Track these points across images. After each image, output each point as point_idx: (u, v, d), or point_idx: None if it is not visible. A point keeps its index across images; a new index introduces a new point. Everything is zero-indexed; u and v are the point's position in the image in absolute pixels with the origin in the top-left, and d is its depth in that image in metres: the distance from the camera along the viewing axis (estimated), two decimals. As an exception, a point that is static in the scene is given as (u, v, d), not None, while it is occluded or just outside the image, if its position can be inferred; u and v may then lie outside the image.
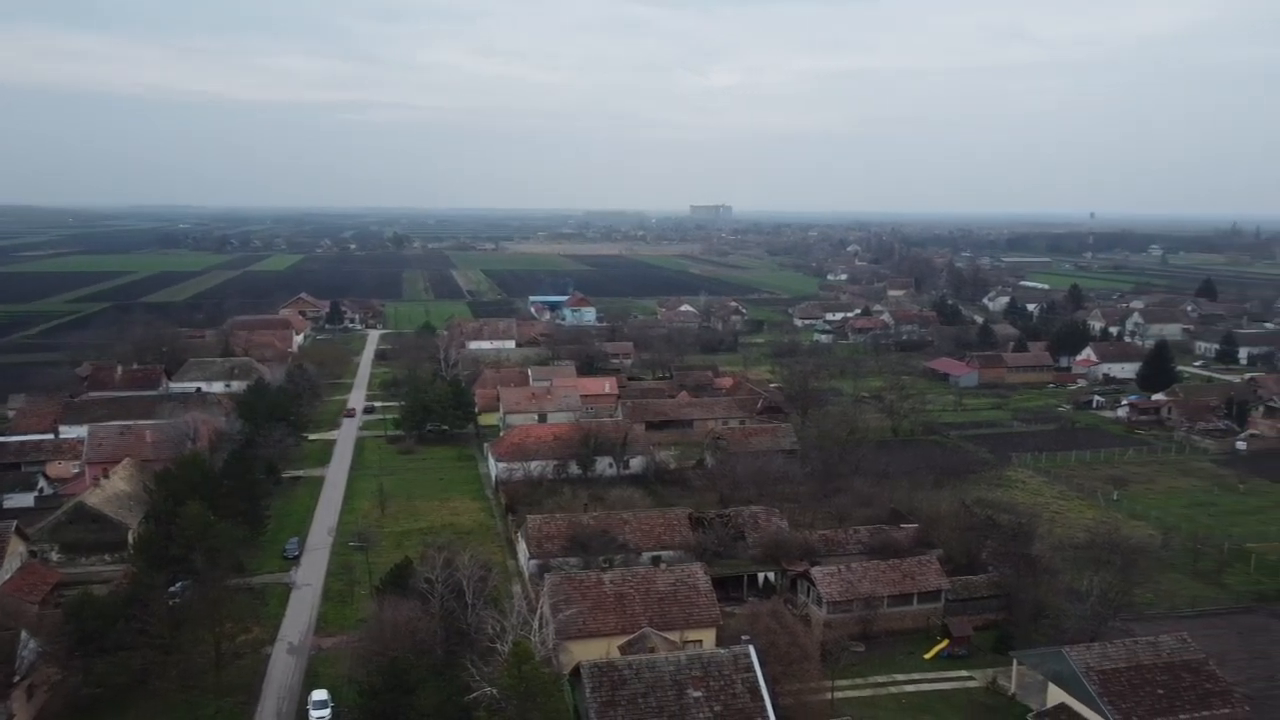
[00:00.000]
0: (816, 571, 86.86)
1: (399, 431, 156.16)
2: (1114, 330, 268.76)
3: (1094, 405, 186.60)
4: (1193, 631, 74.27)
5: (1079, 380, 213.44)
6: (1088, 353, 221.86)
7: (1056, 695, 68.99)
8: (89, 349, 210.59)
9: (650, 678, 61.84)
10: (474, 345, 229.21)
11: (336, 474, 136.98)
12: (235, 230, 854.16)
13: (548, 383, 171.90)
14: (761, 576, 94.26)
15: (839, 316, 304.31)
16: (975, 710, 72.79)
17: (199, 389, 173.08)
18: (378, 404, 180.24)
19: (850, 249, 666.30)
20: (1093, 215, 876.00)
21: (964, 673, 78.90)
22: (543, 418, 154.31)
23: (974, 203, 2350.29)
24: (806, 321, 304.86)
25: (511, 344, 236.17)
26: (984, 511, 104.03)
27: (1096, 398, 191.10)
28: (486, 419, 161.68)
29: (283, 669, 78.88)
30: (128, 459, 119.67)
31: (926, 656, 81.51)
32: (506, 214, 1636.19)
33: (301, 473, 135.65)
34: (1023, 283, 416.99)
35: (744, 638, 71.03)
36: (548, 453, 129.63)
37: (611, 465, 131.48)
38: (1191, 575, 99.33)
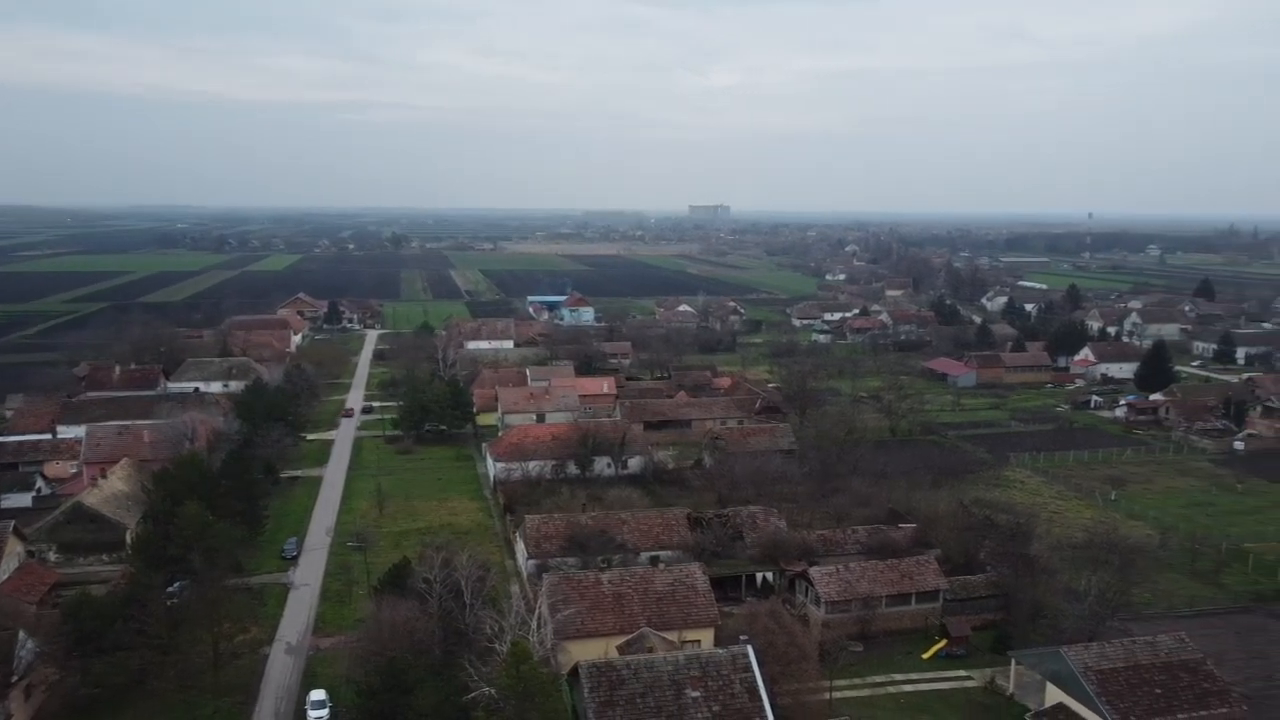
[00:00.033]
0: (815, 571, 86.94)
1: (397, 431, 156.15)
2: (1112, 330, 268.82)
3: (1092, 405, 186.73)
4: (1190, 631, 74.31)
5: (1077, 380, 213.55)
6: (1086, 353, 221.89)
7: (1054, 695, 69.06)
8: (87, 349, 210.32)
9: (648, 678, 61.82)
10: (472, 345, 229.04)
11: (334, 474, 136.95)
12: (233, 230, 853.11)
13: (546, 383, 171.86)
14: (760, 576, 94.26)
15: (837, 316, 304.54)
16: (973, 710, 72.82)
17: (197, 389, 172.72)
18: (376, 404, 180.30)
19: (848, 249, 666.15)
20: (1091, 215, 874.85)
21: (962, 672, 78.94)
22: (541, 418, 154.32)
23: (973, 203, 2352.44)
24: (805, 321, 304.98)
25: (510, 344, 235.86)
26: (982, 511, 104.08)
27: (1094, 398, 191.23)
28: (485, 419, 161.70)
29: (281, 669, 78.87)
30: (125, 459, 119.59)
31: (925, 656, 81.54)
32: (505, 214, 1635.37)
33: (299, 473, 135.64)
34: (1021, 283, 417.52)
35: (742, 638, 70.97)
36: (546, 453, 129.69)
37: (610, 465, 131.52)
38: (1189, 575, 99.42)
